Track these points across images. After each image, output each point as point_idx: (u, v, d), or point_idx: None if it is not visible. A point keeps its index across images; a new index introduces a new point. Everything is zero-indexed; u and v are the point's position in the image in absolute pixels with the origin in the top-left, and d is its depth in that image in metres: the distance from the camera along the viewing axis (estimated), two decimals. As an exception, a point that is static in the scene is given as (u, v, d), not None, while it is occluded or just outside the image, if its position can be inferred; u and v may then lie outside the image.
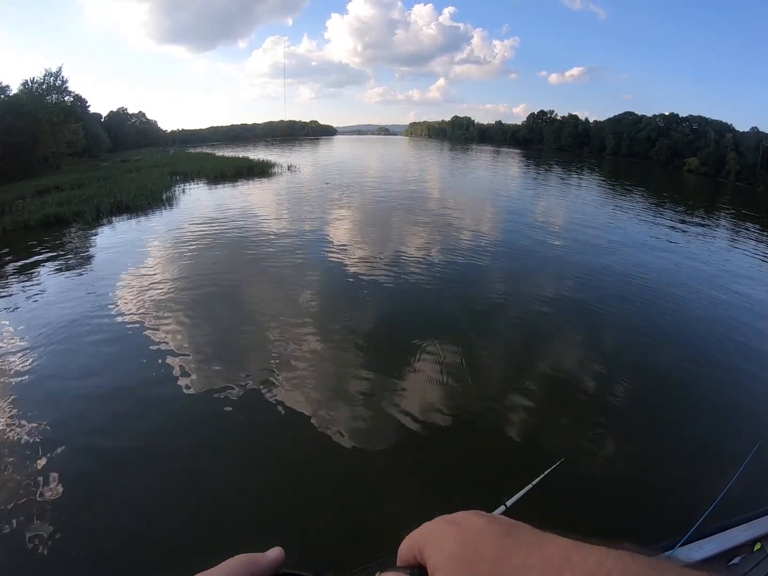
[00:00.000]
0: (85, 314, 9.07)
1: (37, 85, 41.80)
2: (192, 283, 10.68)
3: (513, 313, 9.47)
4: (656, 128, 79.07)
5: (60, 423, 5.87)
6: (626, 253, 15.01)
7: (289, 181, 31.26)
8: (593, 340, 8.60)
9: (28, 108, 36.17)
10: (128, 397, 6.41)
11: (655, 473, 5.19)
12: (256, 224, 17.03)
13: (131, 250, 13.71)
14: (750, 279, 13.86)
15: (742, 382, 7.49)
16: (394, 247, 14.11)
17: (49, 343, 7.94)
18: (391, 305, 9.61)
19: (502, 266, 12.69)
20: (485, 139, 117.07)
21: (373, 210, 20.82)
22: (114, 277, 11.28)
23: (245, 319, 8.93)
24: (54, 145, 39.63)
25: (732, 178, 61.17)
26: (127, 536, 4.30)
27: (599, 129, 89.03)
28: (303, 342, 7.92)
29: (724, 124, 71.41)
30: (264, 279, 11.24)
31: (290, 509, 4.61)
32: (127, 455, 5.35)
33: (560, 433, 5.89)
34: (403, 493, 4.73)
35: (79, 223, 17.87)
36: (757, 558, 3.10)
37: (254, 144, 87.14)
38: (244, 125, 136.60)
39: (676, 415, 6.48)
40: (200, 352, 7.60)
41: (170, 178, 29.76)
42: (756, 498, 3.54)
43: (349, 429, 5.75)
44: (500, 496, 2.37)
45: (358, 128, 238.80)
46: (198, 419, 6.02)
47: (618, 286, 11.42)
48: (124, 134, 78.52)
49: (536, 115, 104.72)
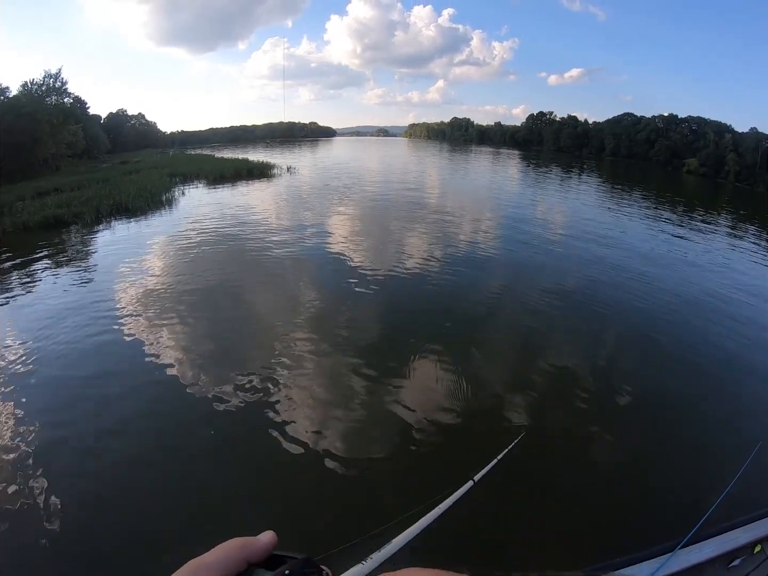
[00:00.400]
0: (85, 316, 9.06)
1: (37, 86, 41.80)
2: (191, 285, 10.67)
3: (513, 315, 9.46)
4: (655, 129, 78.97)
5: (60, 424, 5.87)
6: (625, 253, 15.02)
7: (288, 182, 31.28)
8: (593, 340, 8.59)
9: (28, 109, 36.12)
10: (128, 398, 6.41)
11: (655, 474, 5.18)
12: (256, 226, 17.02)
13: (130, 252, 13.68)
14: (751, 278, 13.84)
15: (743, 382, 7.47)
16: (394, 248, 14.11)
17: (49, 345, 7.92)
18: (390, 306, 9.60)
19: (501, 268, 12.69)
20: (484, 141, 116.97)
21: (373, 212, 20.83)
22: (113, 279, 11.28)
23: (245, 321, 8.93)
24: (53, 147, 39.54)
25: (731, 178, 61.00)
26: (127, 536, 4.29)
27: (598, 130, 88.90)
28: (302, 343, 7.91)
29: (723, 124, 71.30)
30: (263, 281, 11.24)
31: (290, 510, 4.61)
32: (127, 456, 5.34)
33: (561, 436, 5.88)
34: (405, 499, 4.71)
35: (79, 225, 17.86)
36: (757, 560, 3.09)
37: (254, 145, 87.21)
38: (243, 127, 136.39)
39: (676, 415, 6.47)
40: (200, 353, 7.61)
41: (170, 179, 29.77)
42: (756, 500, 3.54)
43: (347, 431, 5.76)
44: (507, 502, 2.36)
45: (358, 129, 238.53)
46: (198, 420, 6.01)
47: (617, 286, 11.42)
48: (123, 136, 78.38)
49: (535, 116, 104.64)
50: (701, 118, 75.57)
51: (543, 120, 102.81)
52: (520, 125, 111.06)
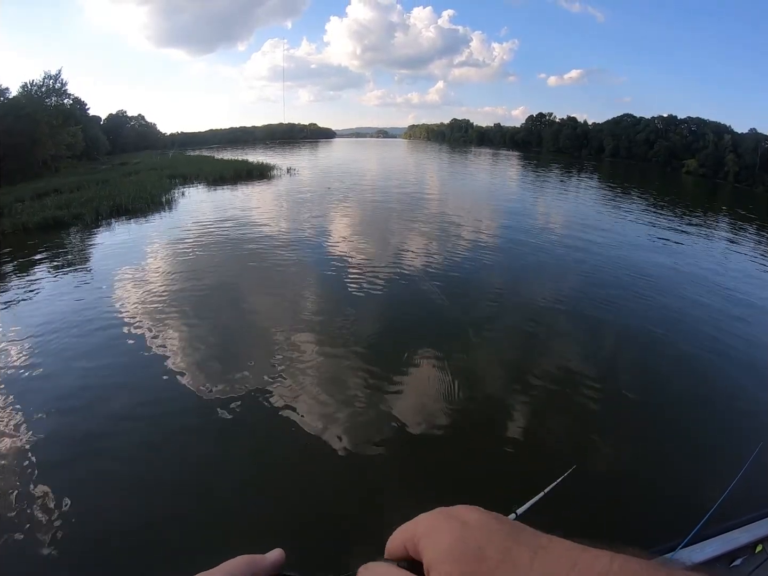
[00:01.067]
0: (84, 317, 9.04)
1: (37, 87, 41.86)
2: (191, 286, 10.67)
3: (513, 316, 9.45)
4: (655, 130, 79.14)
5: (59, 425, 5.86)
6: (626, 253, 15.02)
7: (288, 184, 31.31)
8: (593, 341, 8.58)
9: (28, 110, 36.14)
10: (128, 399, 6.39)
11: (656, 474, 5.17)
12: (256, 228, 17.03)
13: (130, 253, 13.68)
14: (751, 278, 13.83)
15: (744, 382, 7.47)
16: (393, 250, 14.08)
17: (48, 345, 7.92)
18: (390, 307, 9.60)
19: (502, 269, 12.70)
20: (484, 142, 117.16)
21: (372, 214, 20.81)
22: (113, 280, 11.27)
23: (244, 322, 8.92)
24: (53, 148, 39.56)
25: (731, 179, 61.12)
26: (128, 538, 4.27)
27: (598, 131, 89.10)
28: (302, 344, 7.89)
29: (722, 125, 71.43)
30: (263, 282, 11.23)
31: (291, 510, 4.60)
32: (127, 457, 5.34)
33: (562, 436, 5.87)
34: (405, 500, 4.69)
35: (78, 226, 17.86)
36: (758, 560, 3.09)
37: (253, 147, 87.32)
38: (243, 128, 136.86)
39: (676, 416, 6.46)
40: (200, 354, 7.60)
41: (169, 180, 29.80)
42: (758, 499, 3.53)
43: (348, 431, 5.74)
44: (508, 503, 2.36)
45: (357, 131, 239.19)
46: (198, 421, 6.00)
47: (618, 288, 11.42)
48: (123, 137, 78.50)
49: (535, 117, 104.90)
50: (700, 119, 75.81)
51: (542, 121, 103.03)
52: (520, 126, 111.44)
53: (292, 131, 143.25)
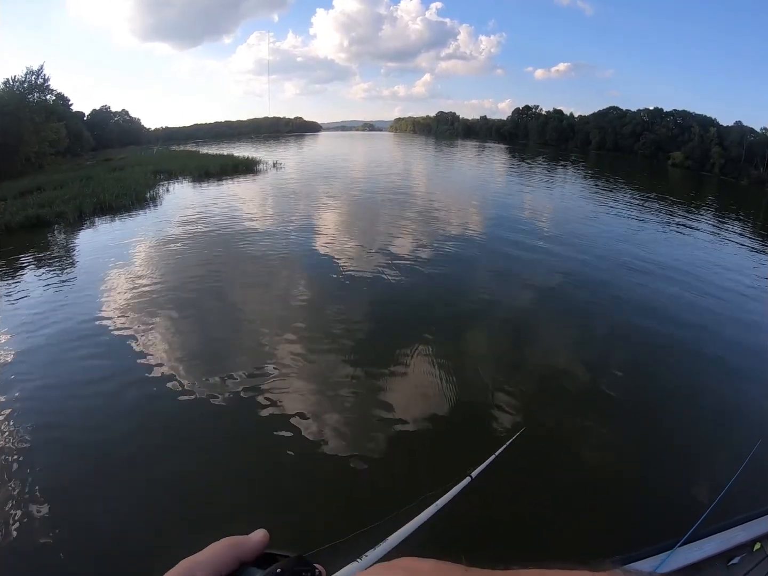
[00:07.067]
0: (68, 318, 8.90)
1: (19, 83, 41.04)
2: (177, 284, 10.54)
3: (503, 311, 9.43)
4: (641, 123, 79.55)
5: (50, 426, 5.82)
6: (619, 248, 15.01)
7: (274, 178, 31.16)
8: (590, 339, 8.57)
9: (11, 108, 35.51)
10: (118, 398, 6.32)
11: (655, 473, 5.17)
12: (242, 223, 16.88)
13: (114, 252, 13.44)
14: (750, 276, 13.84)
15: (742, 381, 7.46)
16: (381, 245, 13.94)
17: (34, 347, 7.82)
18: (380, 303, 9.53)
19: (490, 263, 12.67)
20: (470, 135, 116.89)
21: (359, 208, 20.69)
22: (97, 280, 11.10)
23: (233, 319, 8.84)
24: (36, 145, 38.94)
25: (716, 171, 61.69)
26: (122, 535, 4.28)
27: (584, 123, 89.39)
28: (292, 341, 7.84)
29: (708, 118, 72.01)
30: (251, 279, 11.11)
31: (282, 506, 4.59)
32: (121, 456, 5.30)
33: (557, 430, 5.87)
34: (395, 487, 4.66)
35: (61, 225, 17.64)
36: (756, 558, 3.09)
37: (239, 141, 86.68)
38: (228, 122, 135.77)
39: (675, 413, 6.47)
40: (189, 353, 7.54)
41: (154, 176, 29.46)
42: (756, 498, 3.54)
43: (340, 424, 5.76)
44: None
45: (343, 124, 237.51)
46: (188, 419, 5.99)
47: (612, 284, 11.41)
48: (107, 133, 77.49)
49: (521, 110, 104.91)
50: (686, 112, 76.33)
51: (529, 114, 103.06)
52: (506, 119, 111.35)
53: (278, 125, 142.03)
